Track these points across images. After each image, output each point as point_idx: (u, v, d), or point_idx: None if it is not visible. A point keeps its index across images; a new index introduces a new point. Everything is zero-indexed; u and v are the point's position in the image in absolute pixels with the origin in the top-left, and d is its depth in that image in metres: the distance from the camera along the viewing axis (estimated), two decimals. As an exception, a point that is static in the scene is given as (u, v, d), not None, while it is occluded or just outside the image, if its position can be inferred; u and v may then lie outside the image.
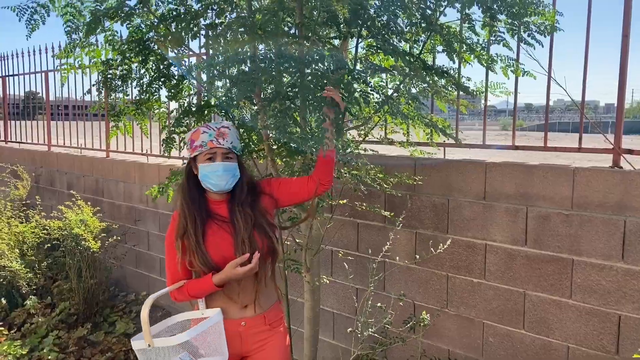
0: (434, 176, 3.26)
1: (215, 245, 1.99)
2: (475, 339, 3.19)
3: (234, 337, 2.05)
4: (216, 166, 1.97)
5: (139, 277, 5.63)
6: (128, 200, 5.66)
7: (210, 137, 1.98)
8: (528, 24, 2.42)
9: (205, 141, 1.98)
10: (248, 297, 2.06)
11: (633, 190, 2.58)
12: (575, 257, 2.77)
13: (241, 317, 2.06)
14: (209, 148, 1.98)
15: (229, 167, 1.99)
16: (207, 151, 1.98)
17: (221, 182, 1.99)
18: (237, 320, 2.06)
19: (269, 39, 2.33)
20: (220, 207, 2.06)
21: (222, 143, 1.99)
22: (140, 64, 2.81)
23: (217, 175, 1.97)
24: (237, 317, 2.06)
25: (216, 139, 1.98)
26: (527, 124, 37.89)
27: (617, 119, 2.78)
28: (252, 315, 2.08)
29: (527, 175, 2.90)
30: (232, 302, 2.05)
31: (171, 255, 2.07)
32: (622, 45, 2.69)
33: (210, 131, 2.00)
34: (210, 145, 1.98)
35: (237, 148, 2.06)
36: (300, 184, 2.19)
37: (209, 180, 1.99)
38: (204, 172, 1.99)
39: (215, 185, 1.99)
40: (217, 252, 1.98)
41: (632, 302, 2.62)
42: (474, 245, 3.14)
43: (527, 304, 2.97)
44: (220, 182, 1.99)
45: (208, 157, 1.99)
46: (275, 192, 2.17)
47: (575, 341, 2.82)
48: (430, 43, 2.87)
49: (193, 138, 2.02)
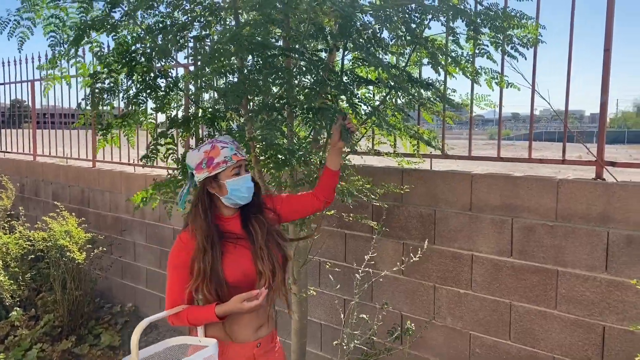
0: (420, 187, 3.28)
1: (235, 263, 1.92)
2: (462, 350, 3.19)
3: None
4: (246, 179, 1.95)
5: (125, 288, 5.57)
6: (114, 210, 5.61)
7: (232, 151, 1.93)
8: (511, 37, 2.46)
9: (228, 155, 1.92)
10: (263, 316, 1.99)
11: (615, 202, 2.61)
12: (560, 268, 2.80)
13: (257, 338, 1.98)
14: (235, 162, 1.92)
15: (251, 178, 1.99)
16: (234, 165, 1.93)
17: (250, 194, 1.96)
18: (252, 342, 1.97)
19: (256, 51, 2.33)
20: (230, 224, 2.00)
21: (243, 155, 1.97)
22: (126, 76, 2.80)
23: (248, 187, 1.94)
24: (253, 339, 1.97)
25: (237, 151, 1.95)
26: (514, 133, 38.26)
27: (599, 131, 2.82)
28: (266, 333, 2.02)
29: (512, 187, 2.93)
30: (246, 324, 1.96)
31: (174, 279, 1.96)
32: (604, 59, 2.74)
33: (229, 145, 1.94)
34: (236, 158, 1.93)
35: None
36: (304, 202, 2.16)
37: (241, 194, 1.94)
38: (234, 186, 1.93)
39: (244, 199, 1.96)
40: (237, 270, 1.91)
41: (616, 314, 2.64)
42: (460, 256, 3.15)
43: (513, 314, 2.98)
44: (249, 194, 1.96)
45: (235, 172, 1.93)
46: (279, 208, 2.13)
47: (561, 352, 2.83)
48: (416, 56, 2.91)
49: (212, 156, 1.92)
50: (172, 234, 4.96)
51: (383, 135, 3.28)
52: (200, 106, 2.98)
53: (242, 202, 1.96)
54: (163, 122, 2.90)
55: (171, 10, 2.59)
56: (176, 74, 3.40)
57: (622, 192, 2.60)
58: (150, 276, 5.27)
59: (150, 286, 5.27)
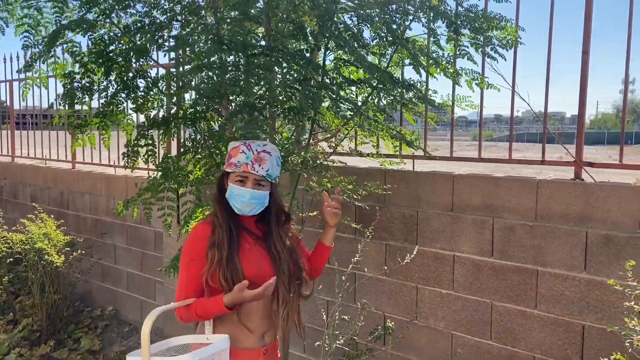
0: (403, 188, 3.28)
1: (252, 258, 1.89)
2: (444, 350, 3.20)
3: None
4: (244, 192, 1.86)
5: (105, 291, 5.49)
6: (94, 212, 5.53)
7: (246, 159, 1.86)
8: (491, 39, 2.47)
9: (240, 162, 1.86)
10: (268, 323, 1.94)
11: (594, 203, 2.64)
12: (539, 268, 2.82)
13: (263, 345, 1.94)
14: (241, 171, 1.86)
15: (257, 196, 1.88)
16: (240, 173, 1.87)
17: (245, 208, 1.89)
18: (259, 349, 1.93)
19: (236, 50, 2.31)
20: (251, 224, 1.97)
21: (256, 169, 1.86)
22: (103, 76, 2.75)
23: (243, 201, 1.87)
24: (259, 345, 1.93)
25: (252, 163, 1.86)
26: (496, 134, 38.66)
27: (578, 132, 2.85)
28: (272, 340, 1.98)
29: (493, 187, 2.95)
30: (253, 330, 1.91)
31: (189, 272, 1.90)
32: (582, 62, 2.77)
33: (249, 153, 1.87)
34: (244, 168, 1.86)
35: (272, 176, 1.91)
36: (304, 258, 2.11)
37: (234, 202, 1.89)
38: (231, 192, 1.89)
39: (238, 210, 1.90)
40: (253, 265, 1.88)
41: (595, 313, 2.67)
42: (442, 257, 3.16)
43: (494, 314, 3.00)
44: (244, 208, 1.89)
45: (239, 179, 1.88)
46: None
47: (541, 351, 2.85)
48: (398, 56, 2.91)
49: (231, 153, 1.90)
50: (153, 237, 4.90)
51: (365, 136, 3.28)
52: (180, 107, 2.95)
53: (237, 211, 1.91)
54: (143, 123, 2.85)
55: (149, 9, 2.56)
56: (156, 73, 3.36)
57: (600, 192, 2.62)
58: (131, 279, 5.20)
59: (132, 289, 5.20)
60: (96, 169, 5.64)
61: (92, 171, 5.57)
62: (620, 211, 2.57)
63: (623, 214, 2.56)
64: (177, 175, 2.98)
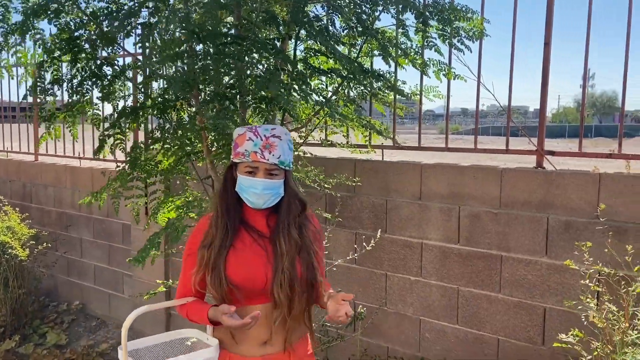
0: (372, 178, 3.33)
1: (242, 261, 1.70)
2: (413, 336, 3.28)
3: None
4: (256, 183, 1.68)
5: (71, 286, 5.38)
6: (58, 205, 5.40)
7: (254, 147, 1.66)
8: (458, 30, 2.54)
9: (248, 151, 1.67)
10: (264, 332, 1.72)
11: (554, 190, 2.75)
12: (503, 254, 2.92)
13: (263, 354, 1.72)
14: (250, 161, 1.67)
15: (270, 186, 1.69)
16: (249, 163, 1.69)
17: (258, 201, 1.70)
18: (255, 358, 1.73)
19: (207, 39, 2.30)
20: (258, 219, 1.77)
21: (267, 158, 1.66)
22: (69, 64, 2.70)
23: (255, 193, 1.68)
24: (257, 354, 1.72)
25: (261, 150, 1.66)
26: (462, 127, 39.39)
27: (539, 122, 2.96)
28: (276, 351, 1.73)
29: (459, 176, 3.03)
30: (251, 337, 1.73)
31: (185, 265, 1.80)
32: (544, 54, 2.87)
33: (256, 139, 1.67)
34: (253, 157, 1.66)
35: (285, 162, 1.71)
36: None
37: (246, 195, 1.71)
38: (241, 185, 1.71)
39: (251, 203, 1.72)
40: (241, 270, 1.68)
41: (556, 295, 2.79)
42: (410, 244, 3.23)
43: (460, 299, 3.09)
44: (257, 201, 1.70)
45: (249, 170, 1.69)
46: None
47: (505, 334, 2.96)
48: (367, 47, 2.95)
49: (237, 141, 1.72)
50: (121, 229, 4.83)
51: (336, 126, 3.32)
52: (149, 96, 2.92)
53: (249, 205, 1.73)
54: (111, 113, 2.81)
55: (117, -5, 2.52)
56: (123, 62, 3.31)
57: (561, 180, 2.73)
58: (98, 273, 5.12)
59: (99, 283, 5.12)
60: (60, 161, 5.51)
61: (56, 163, 5.44)
62: (579, 198, 2.68)
63: (582, 200, 2.68)
64: (146, 165, 2.96)
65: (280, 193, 1.73)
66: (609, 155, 2.83)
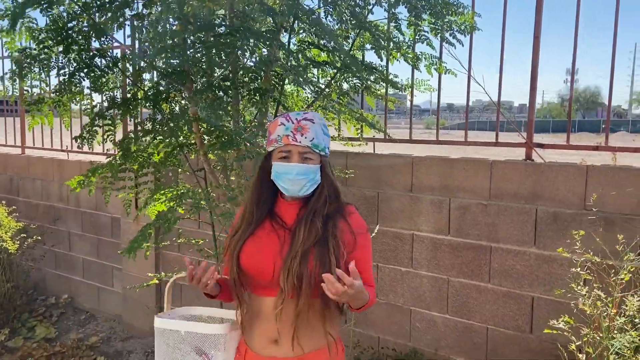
0: (364, 170, 3.36)
1: (255, 249, 1.65)
2: (404, 325, 3.33)
3: None
4: (289, 168, 1.61)
5: (59, 279, 5.35)
6: (46, 199, 5.36)
7: (286, 131, 1.62)
8: (450, 24, 2.57)
9: (280, 135, 1.62)
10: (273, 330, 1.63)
11: (543, 182, 2.81)
12: (493, 244, 2.97)
13: (268, 355, 1.64)
14: (283, 145, 1.62)
15: (304, 171, 1.61)
16: (282, 148, 1.63)
17: (294, 187, 1.63)
18: (262, 357, 1.65)
19: (202, 30, 2.31)
20: (288, 211, 1.69)
21: (299, 140, 1.61)
22: (62, 54, 2.68)
23: (289, 178, 1.62)
24: (264, 353, 1.65)
25: (293, 133, 1.61)
26: (449, 122, 39.67)
27: (529, 114, 3.01)
28: (283, 355, 1.62)
29: (450, 168, 3.07)
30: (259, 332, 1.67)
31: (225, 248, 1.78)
32: (534, 47, 2.92)
33: (288, 123, 1.63)
34: (285, 141, 1.61)
35: (320, 146, 1.64)
36: (362, 272, 1.56)
37: (282, 183, 1.64)
38: (276, 172, 1.65)
39: (287, 190, 1.64)
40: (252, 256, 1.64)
41: (544, 285, 2.85)
42: (402, 236, 3.27)
43: (450, 289, 3.14)
44: (293, 187, 1.63)
45: (282, 155, 1.63)
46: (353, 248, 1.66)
47: (494, 323, 3.02)
48: (360, 40, 2.97)
49: (270, 129, 1.69)
50: (110, 222, 4.81)
51: (328, 118, 3.34)
52: (140, 87, 2.91)
53: (286, 193, 1.66)
54: (99, 102, 2.80)
55: (111, -14, 2.50)
56: (114, 53, 3.28)
57: (550, 172, 2.79)
58: (87, 266, 5.09)
59: (88, 276, 5.10)
60: (47, 154, 5.45)
61: (43, 157, 5.39)
62: (568, 189, 2.74)
63: (570, 192, 2.73)
64: (138, 157, 2.95)
65: (317, 180, 1.65)
66: (596, 148, 2.89)
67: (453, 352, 3.16)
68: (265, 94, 2.46)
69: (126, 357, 4.25)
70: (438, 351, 3.21)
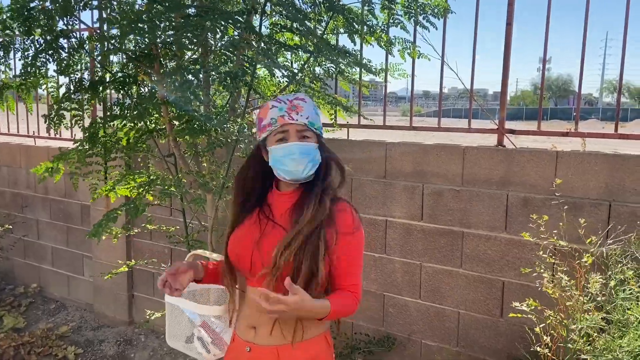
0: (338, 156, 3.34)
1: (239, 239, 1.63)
2: (377, 311, 3.34)
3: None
4: (290, 148, 1.54)
5: (28, 268, 5.22)
6: (13, 186, 5.20)
7: (280, 112, 1.56)
8: (423, 7, 2.55)
9: (274, 117, 1.55)
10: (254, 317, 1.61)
11: (514, 167, 2.83)
12: (465, 230, 2.99)
13: (247, 339, 1.62)
14: (279, 125, 1.55)
15: (306, 149, 1.54)
16: (278, 129, 1.56)
17: (298, 168, 1.54)
18: (243, 341, 1.63)
19: (170, 10, 2.24)
20: (280, 202, 1.62)
21: (295, 118, 1.55)
22: (24, 35, 2.58)
23: (292, 158, 1.53)
24: (244, 338, 1.63)
25: (288, 113, 1.55)
26: (424, 110, 39.93)
27: (501, 100, 3.02)
28: (260, 343, 1.59)
29: (423, 155, 3.08)
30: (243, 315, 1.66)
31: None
32: (506, 33, 2.92)
33: (280, 104, 1.57)
34: (281, 121, 1.55)
35: (315, 124, 1.59)
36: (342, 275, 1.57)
37: (283, 166, 1.56)
38: (275, 156, 1.56)
39: (289, 173, 1.56)
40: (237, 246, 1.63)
41: (514, 269, 2.89)
42: (375, 222, 3.27)
43: (423, 275, 3.16)
44: (297, 168, 1.54)
45: (279, 137, 1.56)
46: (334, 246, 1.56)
47: (465, 307, 3.05)
48: (333, 24, 2.93)
49: (261, 116, 1.61)
50: (79, 210, 4.70)
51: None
52: (108, 69, 2.82)
53: (288, 176, 1.57)
54: (66, 83, 2.71)
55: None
56: (80, 34, 3.18)
57: (520, 158, 2.81)
58: (56, 255, 4.98)
59: (57, 265, 4.99)
60: (13, 139, 5.29)
61: (9, 142, 5.22)
62: (538, 175, 2.77)
63: (540, 177, 2.76)
64: (106, 142, 2.88)
65: (318, 159, 1.58)
66: (566, 134, 2.92)
67: (425, 336, 3.20)
68: (236, 77, 2.41)
69: (97, 346, 4.19)
70: (411, 336, 3.24)
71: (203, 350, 1.74)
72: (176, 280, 1.62)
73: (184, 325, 1.81)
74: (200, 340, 1.75)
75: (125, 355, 4.06)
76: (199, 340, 1.75)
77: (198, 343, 1.75)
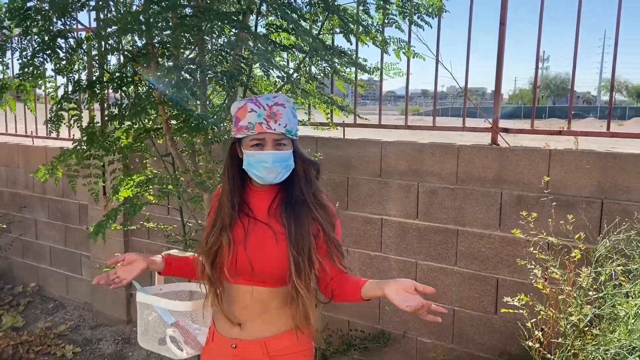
0: (334, 155, 3.37)
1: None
2: (373, 309, 3.37)
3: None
4: (265, 156, 1.56)
5: (26, 268, 5.24)
6: (11, 186, 5.22)
7: (259, 119, 1.55)
8: (418, 7, 2.57)
9: (252, 123, 1.55)
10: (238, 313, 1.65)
11: (508, 166, 2.86)
12: (459, 228, 3.02)
13: (231, 337, 1.66)
14: (256, 133, 1.55)
15: (280, 157, 1.57)
16: (254, 136, 1.56)
17: (269, 175, 1.58)
18: (227, 339, 1.67)
19: (167, 10, 2.26)
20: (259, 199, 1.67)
21: (273, 127, 1.55)
22: (22, 35, 2.60)
23: (266, 167, 1.57)
24: (228, 335, 1.67)
25: (266, 121, 1.55)
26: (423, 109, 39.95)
27: (494, 99, 3.05)
28: (247, 338, 1.64)
29: (418, 153, 3.10)
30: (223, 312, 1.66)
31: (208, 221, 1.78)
32: (500, 33, 2.95)
33: (259, 110, 1.55)
34: (259, 129, 1.54)
35: (292, 131, 1.59)
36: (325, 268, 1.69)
37: (255, 172, 1.60)
38: (249, 161, 1.59)
39: (261, 179, 1.60)
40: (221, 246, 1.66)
41: (508, 267, 2.92)
42: (371, 220, 3.30)
43: (418, 272, 3.19)
44: (268, 175, 1.58)
45: (255, 142, 1.57)
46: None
47: (460, 304, 3.08)
48: (329, 24, 2.95)
49: (238, 115, 1.60)
50: (77, 210, 4.72)
51: (298, 103, 3.32)
52: (105, 69, 2.84)
53: (259, 181, 1.62)
54: (63, 84, 2.73)
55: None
56: (77, 34, 3.20)
57: (514, 156, 2.84)
58: (54, 254, 5.00)
59: (55, 264, 5.01)
60: (11, 139, 5.31)
61: (7, 142, 5.24)
62: (531, 173, 2.80)
63: (533, 176, 2.79)
64: (104, 142, 2.89)
65: (291, 165, 1.61)
66: (559, 132, 2.95)
67: (421, 333, 3.23)
68: (232, 77, 2.43)
69: (96, 344, 4.21)
70: (406, 333, 3.27)
71: (177, 350, 1.75)
72: (124, 270, 1.69)
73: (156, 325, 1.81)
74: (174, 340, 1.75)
75: (123, 353, 4.08)
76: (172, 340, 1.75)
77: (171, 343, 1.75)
